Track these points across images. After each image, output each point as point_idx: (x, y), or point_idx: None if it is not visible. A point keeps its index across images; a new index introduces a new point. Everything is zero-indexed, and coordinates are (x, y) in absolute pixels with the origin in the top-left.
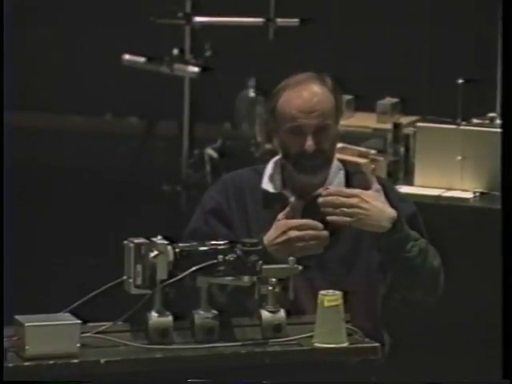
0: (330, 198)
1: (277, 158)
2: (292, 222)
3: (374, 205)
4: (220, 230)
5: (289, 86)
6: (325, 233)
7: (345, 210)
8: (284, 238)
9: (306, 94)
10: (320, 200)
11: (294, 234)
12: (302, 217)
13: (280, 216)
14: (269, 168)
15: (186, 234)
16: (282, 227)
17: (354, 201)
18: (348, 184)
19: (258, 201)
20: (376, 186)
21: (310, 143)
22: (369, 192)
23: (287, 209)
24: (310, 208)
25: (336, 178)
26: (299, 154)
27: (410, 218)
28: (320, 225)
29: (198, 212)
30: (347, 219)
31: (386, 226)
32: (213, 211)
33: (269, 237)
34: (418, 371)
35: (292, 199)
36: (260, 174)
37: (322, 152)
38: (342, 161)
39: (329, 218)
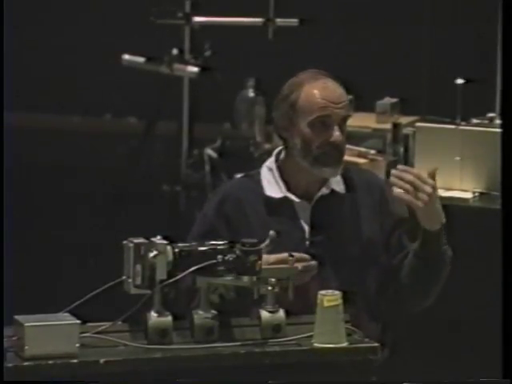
0: (408, 176)
1: (268, 162)
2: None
3: (438, 201)
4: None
5: (307, 81)
6: (313, 263)
7: (419, 194)
8: None
9: (331, 85)
10: (395, 173)
11: None
12: (311, 218)
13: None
14: (264, 174)
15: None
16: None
17: (428, 189)
18: (347, 184)
19: (259, 208)
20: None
21: (338, 133)
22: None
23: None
24: (318, 209)
25: (335, 178)
26: (324, 145)
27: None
28: (307, 256)
29: (193, 231)
30: (418, 203)
31: (436, 227)
32: (204, 235)
33: None
34: (418, 371)
35: (297, 201)
36: (257, 181)
37: (345, 143)
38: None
39: (399, 192)
